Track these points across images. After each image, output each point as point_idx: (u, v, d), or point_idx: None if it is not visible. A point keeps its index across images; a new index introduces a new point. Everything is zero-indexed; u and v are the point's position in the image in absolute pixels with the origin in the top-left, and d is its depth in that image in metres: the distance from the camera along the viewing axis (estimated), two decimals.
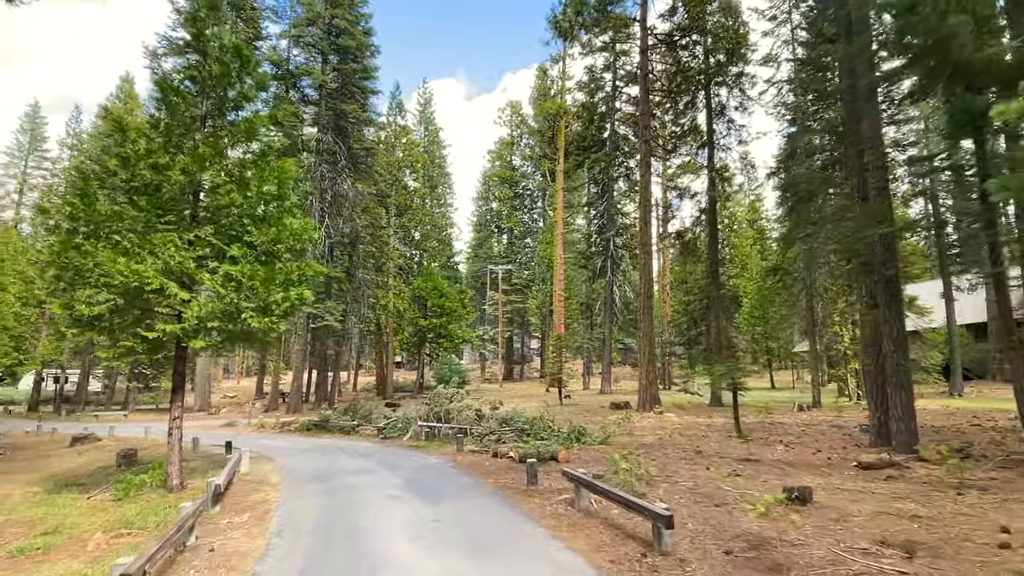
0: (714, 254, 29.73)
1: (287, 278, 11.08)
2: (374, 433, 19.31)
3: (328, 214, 31.60)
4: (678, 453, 13.46)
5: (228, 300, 10.22)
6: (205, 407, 32.43)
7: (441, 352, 47.58)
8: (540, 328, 70.27)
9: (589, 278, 47.57)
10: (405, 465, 12.94)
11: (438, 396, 18.03)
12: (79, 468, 15.12)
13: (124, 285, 9.39)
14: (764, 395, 35.49)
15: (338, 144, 31.78)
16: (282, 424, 23.23)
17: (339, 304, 32.37)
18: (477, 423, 16.69)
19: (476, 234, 76.41)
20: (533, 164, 70.47)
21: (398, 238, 49.50)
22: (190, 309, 9.88)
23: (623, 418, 17.18)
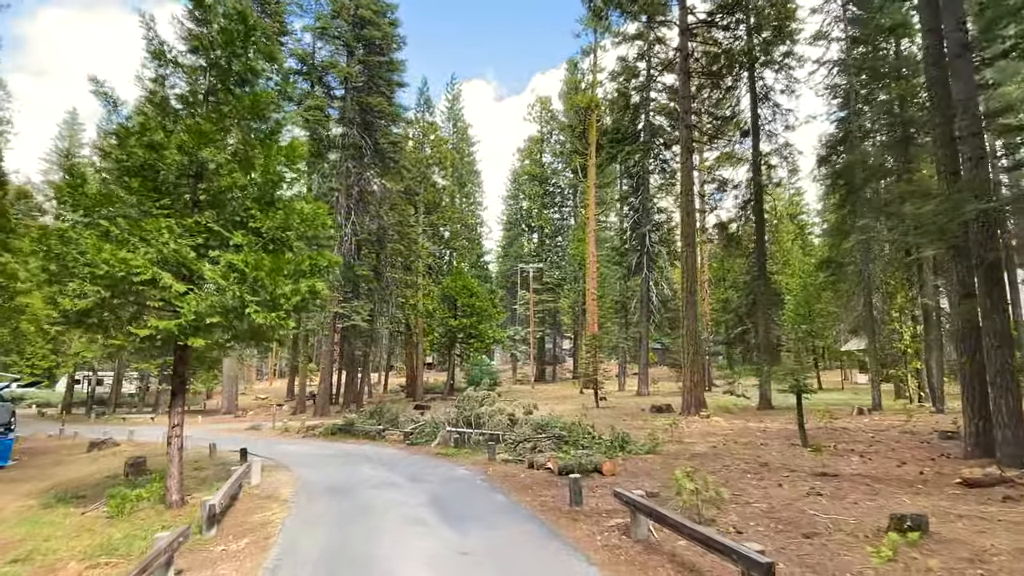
0: (761, 246, 27.84)
1: (297, 268, 9.85)
2: (400, 438, 18.09)
3: (354, 210, 30.61)
4: (739, 465, 11.86)
5: (230, 293, 9.03)
6: (232, 409, 31.77)
7: (472, 353, 46.36)
8: (572, 328, 68.59)
9: (624, 275, 45.88)
10: (431, 477, 11.62)
11: (468, 399, 16.70)
12: (88, 476, 14.20)
13: (110, 276, 8.26)
14: (814, 397, 33.37)
15: (364, 139, 30.77)
16: (307, 428, 22.22)
17: (367, 303, 31.36)
18: (510, 429, 15.31)
19: (506, 233, 75.17)
20: (564, 160, 68.95)
21: (427, 236, 48.48)
22: (186, 303, 8.70)
23: (670, 423, 15.64)
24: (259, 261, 9.25)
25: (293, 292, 9.68)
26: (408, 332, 48.18)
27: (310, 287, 9.95)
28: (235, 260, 9.08)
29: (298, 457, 15.32)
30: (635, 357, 59.84)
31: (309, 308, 10.86)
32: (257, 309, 9.17)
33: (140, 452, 17.91)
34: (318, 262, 10.35)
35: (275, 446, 18.22)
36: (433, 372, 74.10)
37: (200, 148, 9.34)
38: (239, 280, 9.21)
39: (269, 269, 9.35)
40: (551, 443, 13.83)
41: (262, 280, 9.24)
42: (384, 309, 34.91)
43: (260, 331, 10.02)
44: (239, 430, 24.27)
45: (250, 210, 9.58)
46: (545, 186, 69.85)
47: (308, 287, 9.89)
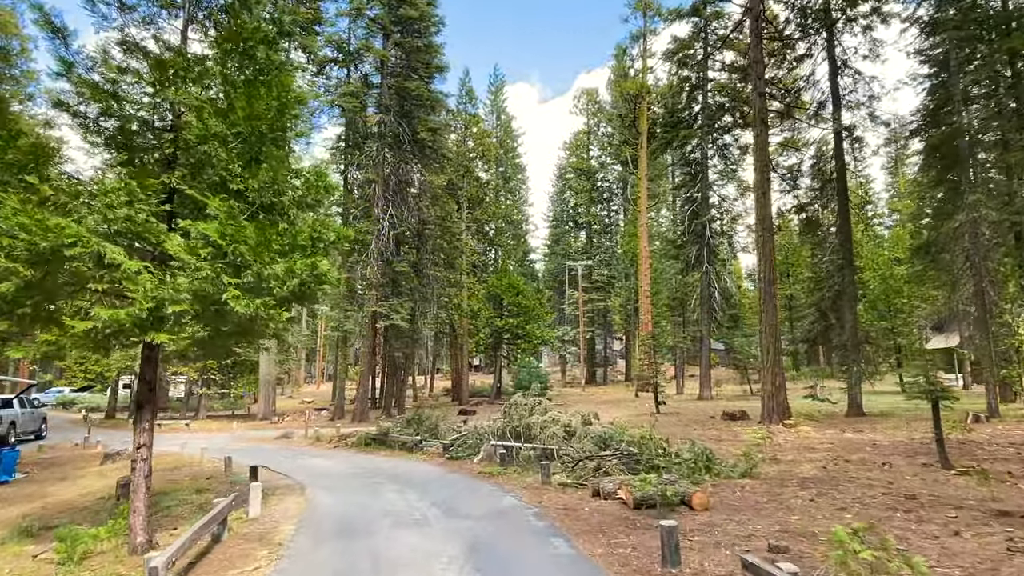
0: (846, 230, 24.49)
1: (293, 243, 7.58)
2: (439, 451, 15.77)
3: (392, 202, 28.61)
4: (874, 497, 9.01)
5: (203, 274, 6.82)
6: (269, 415, 30.21)
7: (519, 354, 43.96)
8: (624, 328, 65.37)
9: (681, 270, 42.64)
10: (471, 509, 9.18)
11: (515, 406, 14.22)
12: (83, 497, 12.39)
13: (35, 249, 6.14)
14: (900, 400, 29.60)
15: (401, 126, 28.75)
16: (339, 437, 20.20)
17: (407, 302, 29.30)
18: (567, 443, 12.77)
19: (552, 230, 72.59)
20: (612, 153, 65.97)
21: (470, 233, 46.37)
22: (139, 285, 6.51)
23: (761, 437, 12.83)
24: (239, 232, 7.00)
25: (287, 273, 7.41)
26: (453, 333, 46.15)
27: (310, 267, 7.66)
28: (208, 230, 6.86)
29: (319, 475, 13.15)
30: (694, 358, 56.38)
31: (313, 296, 8.59)
32: (237, 294, 6.91)
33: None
34: (322, 235, 8.07)
35: (299, 459, 16.17)
36: (480, 374, 72.07)
37: (165, 87, 7.18)
38: (215, 256, 7.00)
39: (254, 243, 7.10)
40: (618, 462, 11.22)
41: (243, 256, 7.00)
42: (426, 308, 32.82)
43: (247, 324, 7.78)
44: (269, 439, 22.48)
45: (229, 166, 7.33)
46: (592, 180, 67.05)
47: (307, 266, 7.60)
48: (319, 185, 7.96)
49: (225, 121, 7.35)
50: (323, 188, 8.03)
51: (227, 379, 38.20)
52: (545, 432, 12.98)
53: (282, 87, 7.66)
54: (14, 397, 18.76)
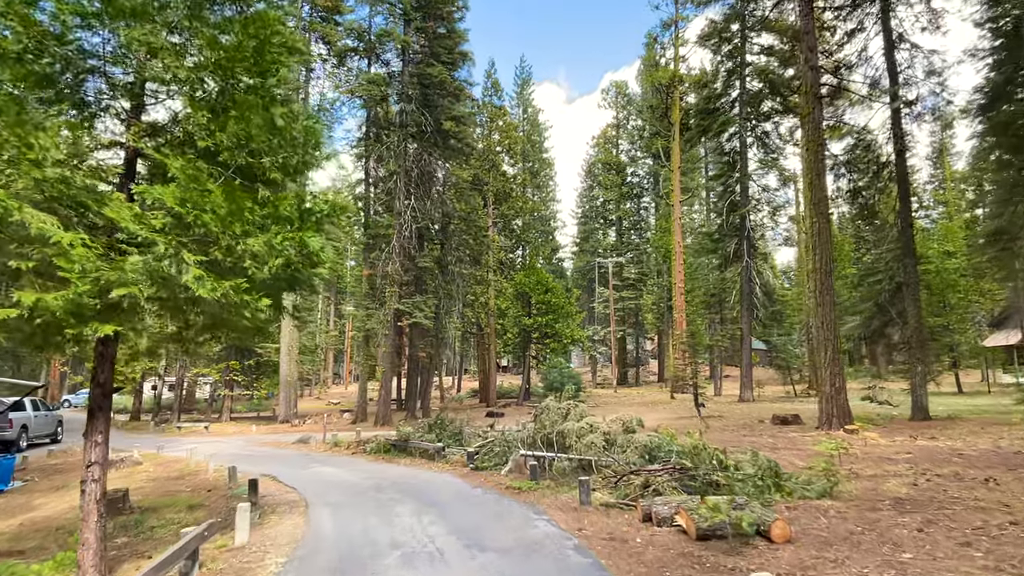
0: (906, 215, 22.31)
1: (273, 213, 6.13)
2: (463, 459, 14.26)
3: (414, 195, 27.25)
4: (998, 526, 7.20)
5: (159, 250, 5.40)
6: (289, 418, 29.12)
7: (548, 354, 42.33)
8: (656, 327, 63.23)
9: (719, 265, 40.51)
10: (497, 539, 7.62)
11: (547, 411, 12.60)
12: (69, 511, 11.17)
13: None
14: (960, 402, 27.26)
15: (424, 115, 27.38)
16: (358, 443, 18.84)
17: (431, 299, 27.92)
18: (607, 453, 11.13)
19: (581, 227, 70.80)
20: (643, 147, 63.99)
21: (497, 229, 44.89)
22: (73, 261, 5.11)
23: (834, 448, 11.01)
24: (204, 198, 5.57)
25: (267, 250, 5.96)
26: (479, 333, 44.73)
27: (296, 243, 6.21)
28: (164, 195, 5.44)
29: (328, 488, 11.75)
30: (731, 358, 54.02)
31: (305, 282, 7.14)
32: (200, 274, 5.48)
33: (149, 475, 15.00)
34: (313, 206, 6.61)
35: (311, 467, 14.83)
36: (508, 375, 70.63)
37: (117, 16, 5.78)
38: (174, 228, 5.58)
39: (224, 212, 5.67)
40: (669, 478, 9.55)
41: (208, 227, 5.56)
42: (451, 306, 31.43)
43: (220, 315, 6.34)
44: (286, 443, 21.27)
45: (191, 117, 5.90)
46: (622, 175, 65.09)
47: (292, 242, 6.14)
48: (308, 142, 6.47)
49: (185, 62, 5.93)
50: (314, 147, 6.54)
51: (250, 380, 37.38)
52: (582, 441, 11.36)
53: (261, 22, 6.20)
54: (20, 398, 17.86)
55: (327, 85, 31.58)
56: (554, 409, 12.28)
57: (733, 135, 38.87)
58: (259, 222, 6.03)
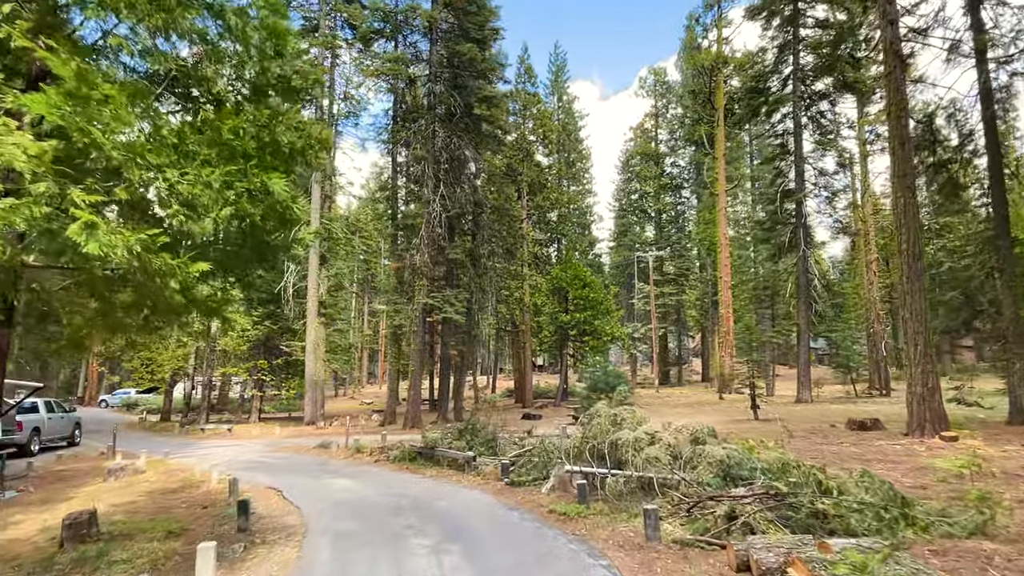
0: (999, 193, 19.48)
1: (216, 139, 4.23)
2: (497, 471, 12.30)
3: (444, 182, 25.42)
4: None
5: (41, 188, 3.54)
6: (315, 419, 27.62)
7: (586, 352, 40.12)
8: (699, 324, 60.34)
9: (771, 256, 37.67)
10: None
11: (596, 417, 10.49)
12: (37, 535, 9.58)
13: None
14: None
15: (453, 96, 25.53)
16: (381, 449, 17.06)
17: (462, 294, 26.07)
18: (673, 470, 9.00)
19: (618, 221, 68.20)
20: (684, 136, 61.10)
21: (531, 222, 42.85)
22: None
23: (966, 465, 8.67)
24: (101, 109, 3.70)
25: (205, 192, 4.06)
26: (514, 330, 42.79)
27: (255, 186, 4.29)
28: (35, 103, 3.59)
29: (336, 509, 9.90)
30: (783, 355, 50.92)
31: (274, 248, 5.22)
32: (90, 221, 3.61)
33: (148, 486, 13.44)
34: (280, 137, 4.68)
35: (324, 478, 13.05)
36: (544, 375, 68.49)
37: None
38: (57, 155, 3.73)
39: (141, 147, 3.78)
40: (761, 506, 7.38)
41: (102, 149, 3.69)
42: (484, 301, 29.53)
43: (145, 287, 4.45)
44: (306, 448, 19.64)
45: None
46: (661, 167, 62.37)
47: (247, 183, 4.23)
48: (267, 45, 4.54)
49: None
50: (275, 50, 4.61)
51: (279, 380, 36.19)
52: (641, 454, 9.25)
53: None
54: (20, 400, 16.61)
55: (352, 71, 29.85)
56: (605, 415, 10.18)
57: (786, 116, 36.10)
58: (194, 152, 4.14)
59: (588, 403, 17.74)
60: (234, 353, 35.56)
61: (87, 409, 54.83)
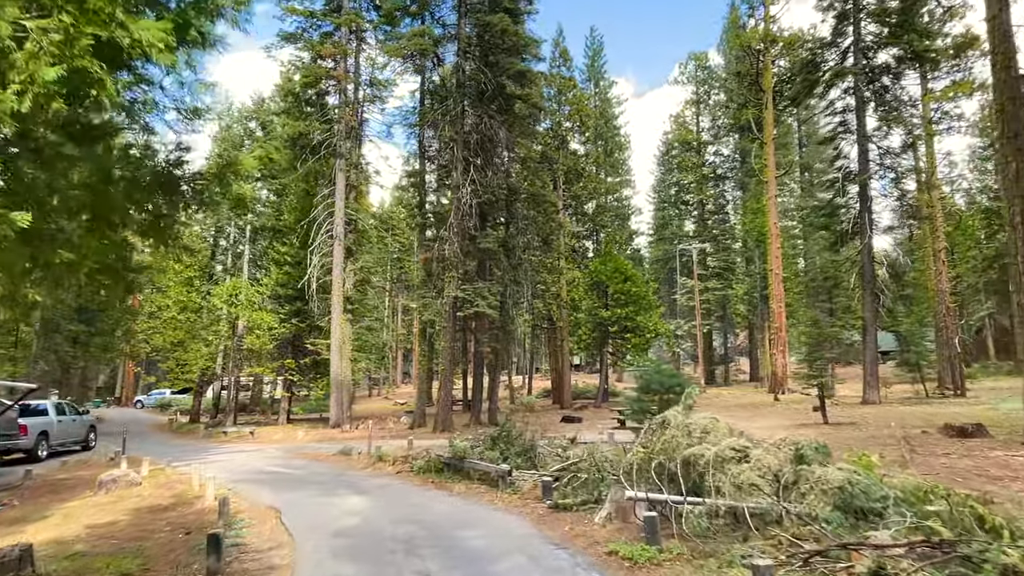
0: None
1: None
2: (536, 489, 10.24)
3: (474, 165, 23.44)
4: None
5: None
6: (341, 421, 25.96)
7: (628, 349, 37.74)
8: (747, 320, 57.15)
9: (831, 244, 34.59)
10: None
11: (664, 428, 8.28)
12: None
13: None
14: None
15: (484, 73, 23.53)
16: (404, 458, 15.15)
17: (495, 286, 24.05)
18: (776, 499, 6.76)
19: (658, 213, 65.40)
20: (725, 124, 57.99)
21: (568, 213, 40.61)
22: None
23: None
24: None
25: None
26: (551, 327, 40.60)
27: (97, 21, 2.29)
28: None
29: (336, 540, 7.96)
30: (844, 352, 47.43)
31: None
32: None
33: (138, 502, 11.76)
34: None
35: (333, 497, 11.10)
36: (581, 374, 66.05)
37: None
38: None
39: None
40: (917, 559, 5.12)
41: None
42: (519, 295, 27.47)
43: None
44: (325, 455, 17.88)
45: None
46: (703, 156, 59.44)
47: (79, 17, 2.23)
48: None
49: None
50: None
51: (307, 380, 34.80)
52: (729, 476, 7.03)
53: None
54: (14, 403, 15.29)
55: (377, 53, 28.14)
56: (678, 425, 7.97)
57: (846, 91, 33.06)
58: None
59: (639, 405, 15.53)
60: (260, 352, 34.34)
61: (122, 410, 54.80)
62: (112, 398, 63.77)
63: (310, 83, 26.74)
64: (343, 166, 26.67)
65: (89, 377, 64.94)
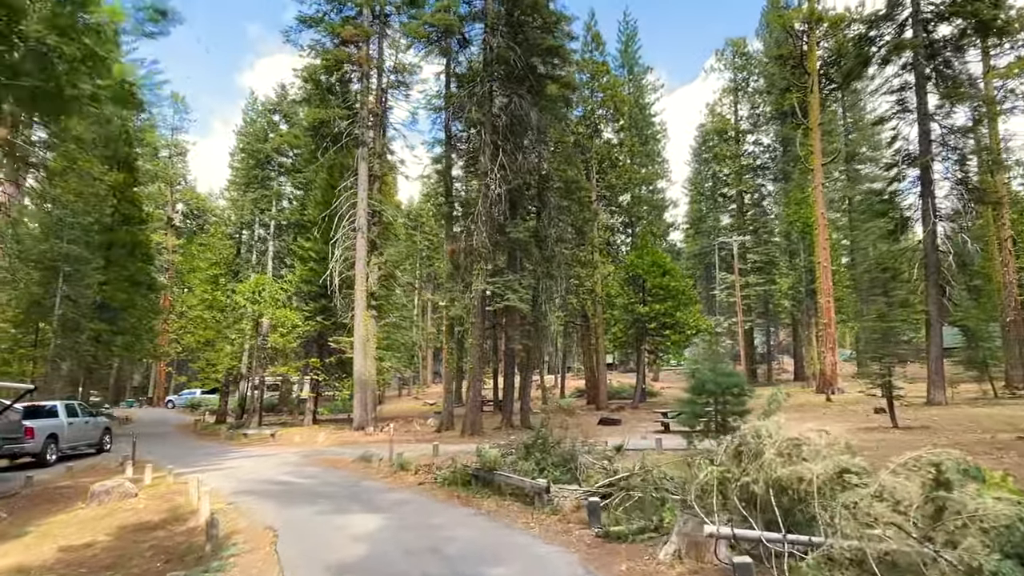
0: None
1: None
2: (580, 509, 8.59)
3: (503, 149, 21.81)
4: None
5: None
6: (365, 423, 24.58)
7: (668, 347, 35.77)
8: (791, 316, 54.30)
9: (889, 233, 32.00)
10: None
11: (749, 442, 6.49)
12: None
13: None
14: None
15: (512, 49, 21.89)
16: (428, 466, 13.62)
17: (526, 278, 22.40)
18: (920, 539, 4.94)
19: (694, 206, 62.95)
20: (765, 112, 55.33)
21: (602, 204, 38.73)
22: None
23: None
24: None
25: None
26: (584, 324, 38.78)
27: None
28: None
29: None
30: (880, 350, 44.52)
31: None
32: None
33: (129, 516, 10.42)
34: None
35: (342, 516, 9.52)
36: (614, 374, 63.88)
37: None
38: None
39: None
40: None
41: None
42: (552, 289, 25.76)
43: None
44: (344, 462, 16.44)
45: None
46: (741, 145, 56.91)
47: None
48: None
49: None
50: None
51: (332, 379, 33.65)
52: (838, 505, 5.25)
53: None
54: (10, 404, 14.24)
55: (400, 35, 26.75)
56: (774, 441, 6.18)
57: (905, 67, 30.51)
58: None
59: (692, 409, 13.69)
60: (285, 351, 33.33)
61: (153, 410, 54.70)
62: (144, 398, 63.96)
63: (331, 67, 25.44)
64: (365, 154, 25.33)
65: (123, 377, 65.38)
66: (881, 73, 32.29)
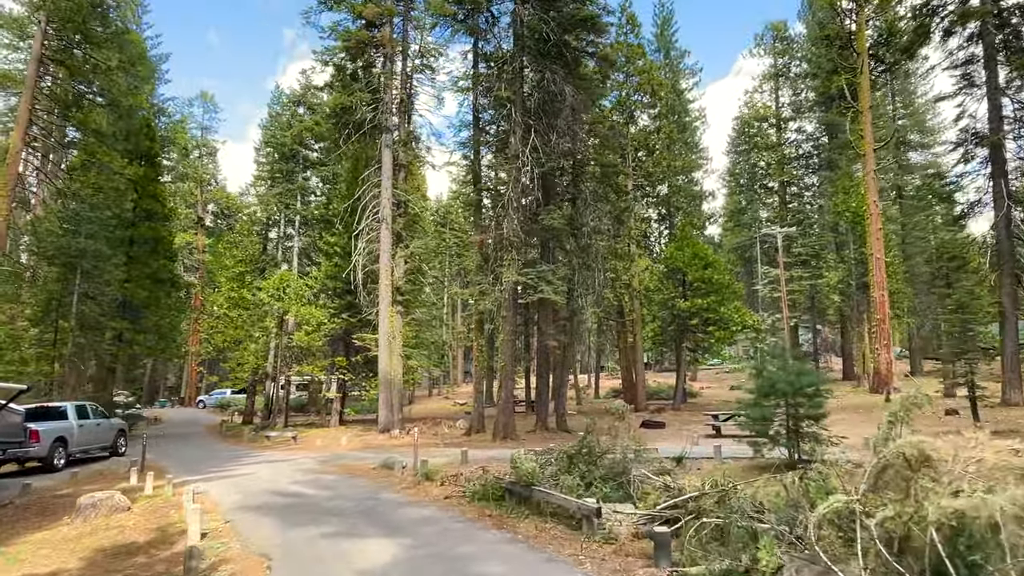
0: None
1: None
2: (638, 542, 6.90)
3: (535, 129, 20.14)
4: None
5: None
6: (391, 425, 23.17)
7: (712, 344, 33.66)
8: (840, 312, 51.35)
9: (955, 219, 29.39)
10: None
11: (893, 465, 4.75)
12: None
13: None
14: None
15: (544, 21, 20.21)
16: (456, 477, 12.06)
17: (560, 268, 20.71)
18: None
19: (733, 197, 60.35)
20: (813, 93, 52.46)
21: (638, 195, 36.77)
22: None
23: None
24: None
25: None
26: (620, 320, 36.87)
27: None
28: None
29: None
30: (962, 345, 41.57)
31: None
32: None
33: (114, 535, 9.07)
34: None
35: (349, 540, 7.94)
36: (650, 373, 61.66)
37: None
38: None
39: None
40: None
41: None
42: (589, 281, 24.01)
43: None
44: (363, 469, 14.97)
45: None
46: (784, 133, 54.24)
47: None
48: None
49: None
50: None
51: (358, 379, 32.41)
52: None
53: None
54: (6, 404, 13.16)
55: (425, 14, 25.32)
56: (951, 469, 4.37)
57: (971, 38, 27.98)
58: None
59: (758, 412, 11.88)
60: (310, 349, 32.23)
61: (184, 410, 54.52)
62: (176, 398, 64.05)
63: (353, 51, 24.11)
64: (389, 141, 23.96)
65: (157, 377, 65.66)
66: (944, 46, 29.72)
